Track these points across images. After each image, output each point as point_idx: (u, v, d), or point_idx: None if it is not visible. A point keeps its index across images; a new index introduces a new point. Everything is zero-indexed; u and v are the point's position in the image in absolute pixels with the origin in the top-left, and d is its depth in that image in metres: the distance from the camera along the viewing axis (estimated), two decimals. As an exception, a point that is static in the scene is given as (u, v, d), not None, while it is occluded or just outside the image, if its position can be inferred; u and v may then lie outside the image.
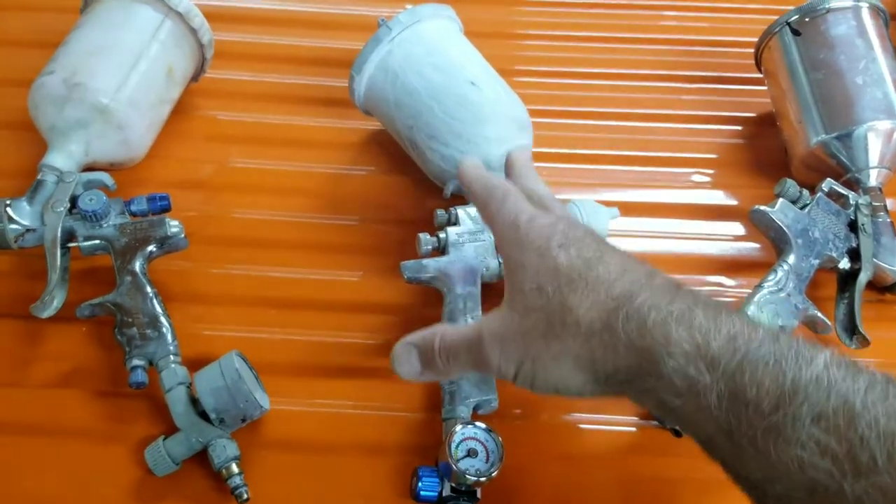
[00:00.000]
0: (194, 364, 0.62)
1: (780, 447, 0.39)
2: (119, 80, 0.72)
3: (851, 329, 0.67)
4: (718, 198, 0.83)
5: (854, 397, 0.38)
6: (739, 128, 0.89)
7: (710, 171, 0.85)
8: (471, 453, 0.56)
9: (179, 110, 0.82)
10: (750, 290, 0.72)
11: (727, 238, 0.79)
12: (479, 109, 0.71)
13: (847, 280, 0.70)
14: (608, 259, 0.47)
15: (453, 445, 0.56)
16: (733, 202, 0.83)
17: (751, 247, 0.79)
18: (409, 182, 0.80)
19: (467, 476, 0.55)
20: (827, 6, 0.77)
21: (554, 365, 0.46)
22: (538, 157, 0.77)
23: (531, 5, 1.00)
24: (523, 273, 0.48)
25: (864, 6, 0.78)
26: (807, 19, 0.78)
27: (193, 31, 0.78)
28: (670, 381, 0.42)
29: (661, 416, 0.51)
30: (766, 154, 0.86)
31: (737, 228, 0.80)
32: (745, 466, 0.41)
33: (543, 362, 0.46)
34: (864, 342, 0.67)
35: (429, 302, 0.71)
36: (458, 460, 0.56)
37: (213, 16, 0.80)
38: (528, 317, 0.47)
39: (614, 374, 0.45)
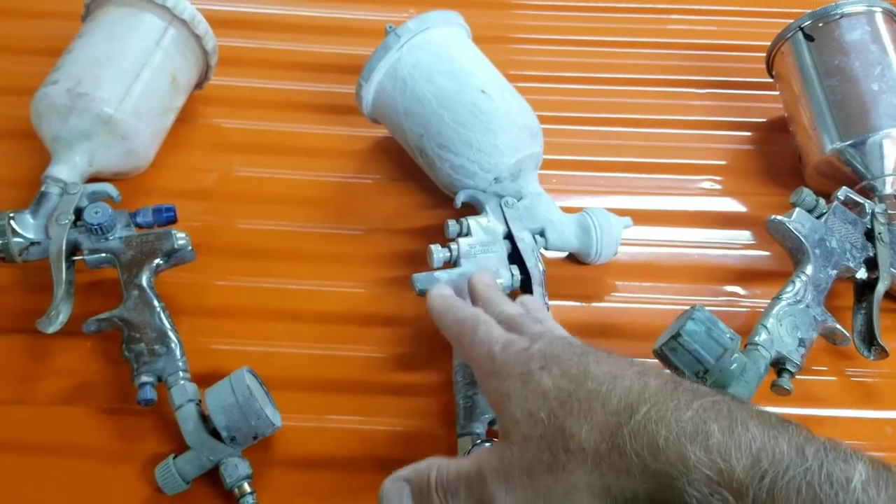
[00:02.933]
0: (203, 379, 0.61)
1: None
2: (123, 89, 0.71)
3: (870, 341, 0.67)
4: (728, 205, 0.82)
5: None
6: (749, 134, 0.88)
7: (720, 178, 0.84)
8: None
9: (183, 118, 0.80)
10: (765, 300, 0.71)
11: (737, 246, 0.79)
12: (490, 118, 0.70)
13: (864, 290, 0.69)
14: (593, 370, 0.44)
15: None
16: (743, 209, 0.82)
17: (762, 255, 0.78)
18: (417, 190, 0.79)
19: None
20: (841, 11, 0.76)
21: (568, 500, 0.42)
22: (547, 164, 0.76)
23: (538, 9, 0.99)
24: (510, 402, 0.46)
25: (878, 11, 0.77)
26: (820, 24, 0.77)
27: (197, 38, 0.77)
28: None
29: None
30: (776, 160, 0.85)
31: (747, 237, 0.79)
32: None
33: (556, 498, 0.43)
34: (883, 354, 0.66)
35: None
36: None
37: (216, 21, 0.79)
38: (527, 448, 0.44)
39: (633, 499, 0.41)
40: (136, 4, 0.74)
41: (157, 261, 0.65)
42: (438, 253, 0.66)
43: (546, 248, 0.70)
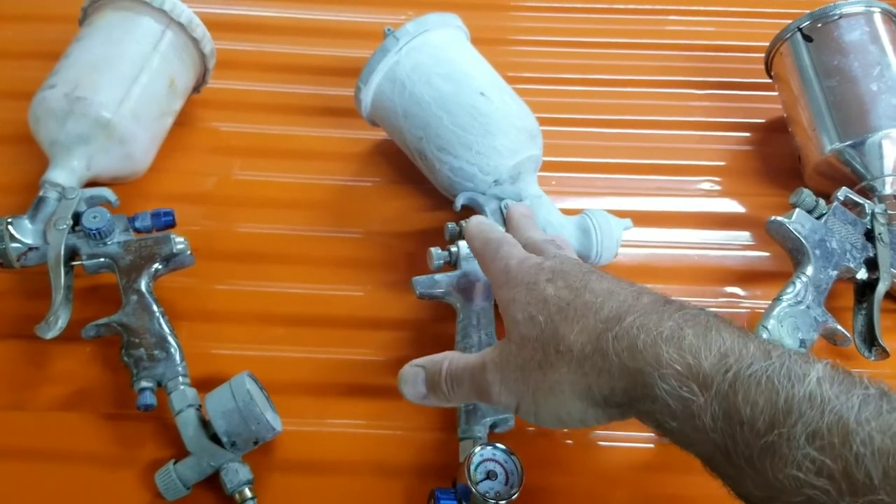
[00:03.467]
0: (203, 384, 0.61)
1: (776, 467, 0.38)
2: (121, 93, 0.70)
3: (871, 341, 0.67)
4: (727, 206, 0.82)
5: (848, 414, 0.37)
6: (748, 134, 0.88)
7: (719, 179, 0.84)
8: (490, 475, 0.55)
9: (181, 122, 0.80)
10: (765, 301, 0.71)
11: (737, 247, 0.79)
12: (489, 120, 0.69)
13: (864, 290, 0.69)
14: (594, 285, 0.48)
15: (472, 467, 0.55)
16: (742, 210, 0.82)
17: (761, 256, 0.78)
18: (416, 193, 0.79)
19: (487, 499, 0.54)
20: (839, 11, 0.76)
21: (553, 395, 0.47)
22: (546, 166, 0.76)
23: (536, 11, 0.99)
24: (514, 306, 0.50)
25: (877, 11, 0.77)
26: (819, 25, 0.77)
27: (195, 42, 0.76)
28: (665, 404, 0.42)
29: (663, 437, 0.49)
30: (774, 161, 0.85)
31: (746, 237, 0.79)
32: (745, 485, 0.41)
33: (543, 393, 0.47)
34: (884, 354, 0.66)
35: (440, 317, 0.70)
36: (477, 483, 0.55)
37: (214, 24, 0.79)
38: (524, 347, 0.48)
39: (611, 395, 0.45)
40: (133, 8, 0.74)
41: (156, 265, 0.65)
42: (439, 255, 0.66)
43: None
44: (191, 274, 0.69)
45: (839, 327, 0.64)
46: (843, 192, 0.71)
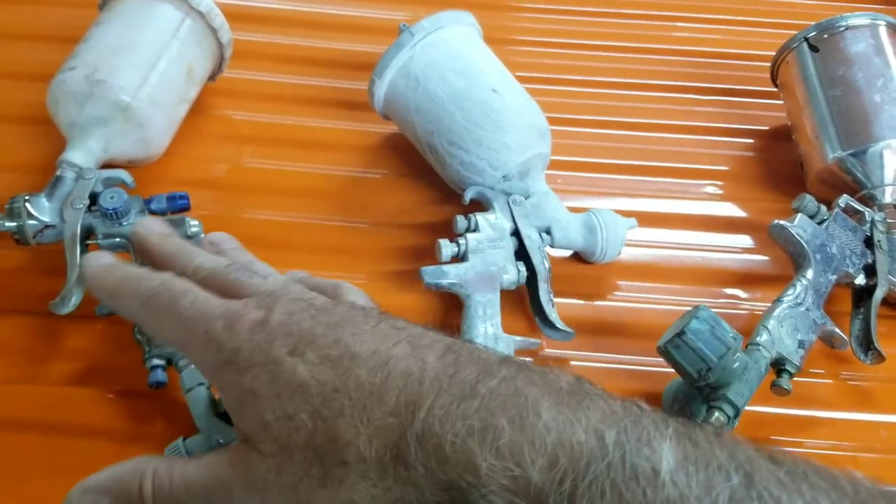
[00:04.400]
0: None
1: None
2: (140, 77, 0.72)
3: (867, 345, 0.68)
4: (729, 210, 0.84)
5: None
6: (751, 141, 0.90)
7: (721, 183, 0.85)
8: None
9: (195, 109, 0.81)
10: (764, 304, 0.72)
11: (737, 250, 0.80)
12: (501, 117, 0.71)
13: (862, 296, 0.71)
14: (358, 349, 0.36)
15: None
16: (743, 215, 0.83)
17: (760, 259, 0.79)
18: (424, 187, 0.80)
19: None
20: (845, 23, 0.78)
21: None
22: (552, 164, 0.77)
23: (547, 13, 1.01)
24: (255, 401, 0.36)
25: (882, 24, 0.79)
26: (825, 36, 0.79)
27: (213, 31, 0.78)
28: None
29: None
30: (776, 168, 0.87)
31: (747, 241, 0.81)
32: None
33: None
34: (880, 358, 0.67)
35: (445, 307, 0.71)
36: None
37: (230, 15, 0.79)
38: (287, 461, 0.36)
39: None
40: (153, -6, 0.75)
41: (171, 247, 0.66)
42: (447, 247, 0.67)
43: (552, 246, 0.71)
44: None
45: (837, 330, 0.66)
46: (843, 200, 0.72)
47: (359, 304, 0.41)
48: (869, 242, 0.71)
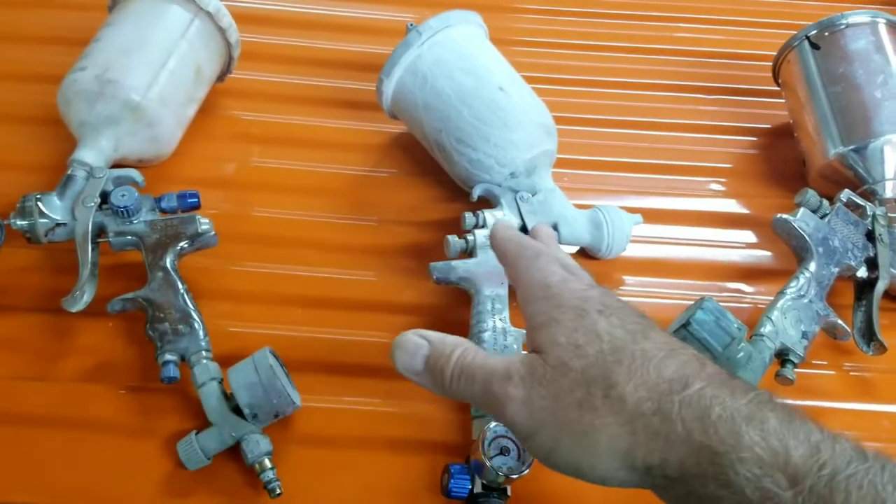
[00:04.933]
0: (222, 360, 0.63)
1: None
2: (150, 77, 0.73)
3: (869, 336, 0.69)
4: (732, 206, 0.85)
5: None
6: (754, 139, 0.91)
7: (724, 180, 0.86)
8: (503, 451, 0.57)
9: (203, 109, 0.82)
10: (767, 297, 0.73)
11: (741, 246, 0.81)
12: (508, 114, 0.72)
13: (864, 288, 0.72)
14: (653, 334, 0.43)
15: (486, 443, 0.57)
16: (746, 211, 0.84)
17: (763, 255, 0.80)
18: (431, 185, 0.81)
19: (499, 473, 0.56)
20: (846, 21, 0.79)
21: (583, 441, 0.40)
22: (558, 163, 0.78)
23: (551, 14, 1.02)
24: (557, 327, 0.44)
25: (882, 21, 0.80)
26: (826, 34, 0.80)
27: (222, 31, 0.79)
28: (740, 492, 0.37)
29: None
30: (778, 165, 0.88)
31: (750, 236, 0.82)
32: None
33: (572, 435, 0.41)
34: (882, 349, 0.68)
35: (453, 303, 0.72)
36: (490, 458, 0.56)
37: (238, 17, 0.81)
38: (563, 376, 0.42)
39: (660, 466, 0.39)
40: (162, -4, 0.76)
41: (182, 244, 0.66)
42: (455, 243, 0.68)
43: (559, 242, 0.72)
44: (210, 255, 0.71)
45: (840, 321, 0.67)
46: (845, 194, 0.73)
47: None
48: (870, 236, 0.72)
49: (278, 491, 0.58)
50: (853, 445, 0.37)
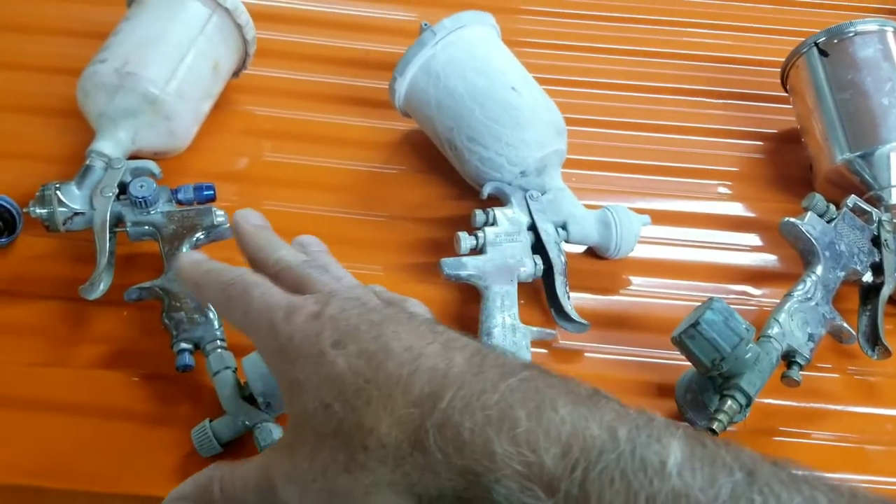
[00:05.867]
0: (235, 350, 0.63)
1: None
2: (169, 71, 0.74)
3: (874, 341, 0.70)
4: (738, 210, 0.86)
5: None
6: (760, 143, 0.92)
7: (731, 184, 0.87)
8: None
9: (218, 104, 0.83)
10: (773, 300, 0.74)
11: (746, 248, 0.82)
12: (520, 114, 0.73)
13: (869, 293, 0.73)
14: (394, 345, 0.39)
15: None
16: (752, 214, 0.85)
17: (769, 258, 0.81)
18: (441, 182, 0.82)
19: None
20: (854, 29, 0.80)
21: (368, 501, 0.37)
22: (567, 163, 0.79)
23: (560, 17, 1.04)
24: (300, 391, 0.40)
25: (890, 30, 0.81)
26: (835, 41, 0.81)
27: (239, 27, 0.79)
28: None
29: None
30: (784, 169, 0.89)
31: (755, 239, 0.83)
32: None
33: (356, 500, 0.38)
34: (887, 353, 0.69)
35: (462, 299, 0.73)
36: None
37: (254, 14, 0.81)
38: (321, 448, 0.38)
39: (440, 497, 0.36)
40: (182, -9, 0.77)
41: (198, 235, 0.67)
42: (466, 240, 0.69)
43: (567, 241, 0.73)
44: (223, 247, 0.71)
45: (846, 325, 0.68)
46: (851, 200, 0.74)
47: (410, 310, 0.44)
48: (876, 241, 0.73)
49: (290, 479, 0.59)
50: (607, 426, 0.34)
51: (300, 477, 0.39)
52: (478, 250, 0.70)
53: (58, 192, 0.67)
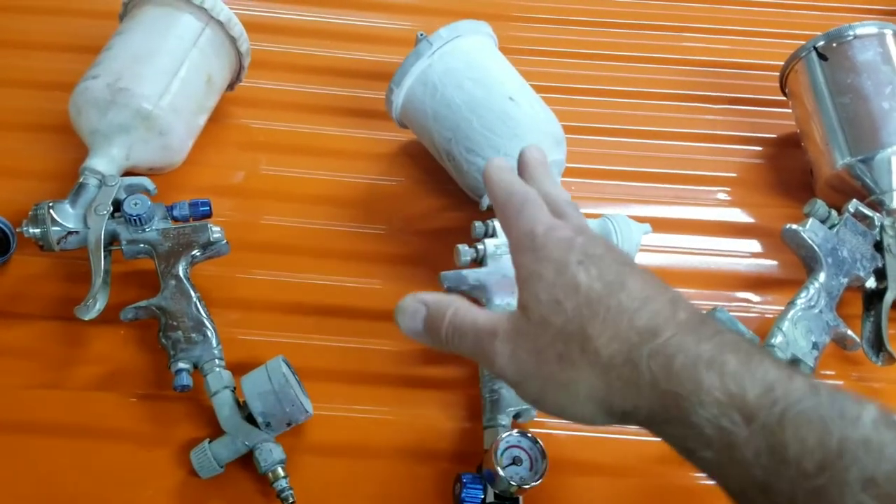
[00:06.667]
0: (234, 368, 0.63)
1: None
2: (162, 86, 0.73)
3: (878, 347, 0.69)
4: (738, 216, 0.85)
5: None
6: (759, 148, 0.91)
7: (730, 190, 0.87)
8: (515, 461, 0.57)
9: (213, 118, 0.82)
10: (775, 307, 0.74)
11: (746, 255, 0.81)
12: (518, 124, 0.72)
13: (872, 299, 0.72)
14: (630, 284, 0.45)
15: (499, 453, 0.57)
16: (752, 220, 0.85)
17: (770, 264, 0.81)
18: (440, 193, 0.82)
19: (512, 483, 0.56)
20: (853, 32, 0.80)
21: (565, 392, 0.44)
22: (569, 172, 0.79)
23: (557, 24, 1.03)
24: (539, 283, 0.46)
25: (889, 33, 0.80)
26: (834, 45, 0.81)
27: (233, 40, 0.79)
28: (700, 432, 0.40)
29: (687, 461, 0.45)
30: (784, 174, 0.88)
31: (755, 246, 0.82)
32: None
33: (554, 386, 0.45)
34: (891, 359, 0.68)
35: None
36: (503, 468, 0.57)
37: (248, 25, 0.81)
38: (544, 331, 0.45)
39: (633, 412, 0.43)
40: (174, 4, 0.76)
41: (194, 252, 0.67)
42: (466, 252, 0.68)
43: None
44: (220, 263, 0.71)
45: (849, 332, 0.67)
46: (853, 205, 0.74)
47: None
48: (879, 246, 0.73)
49: (291, 500, 0.58)
50: (808, 382, 0.40)
51: (518, 342, 0.45)
52: (478, 262, 0.69)
53: (51, 210, 0.67)
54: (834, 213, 0.72)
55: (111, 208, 0.68)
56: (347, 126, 0.87)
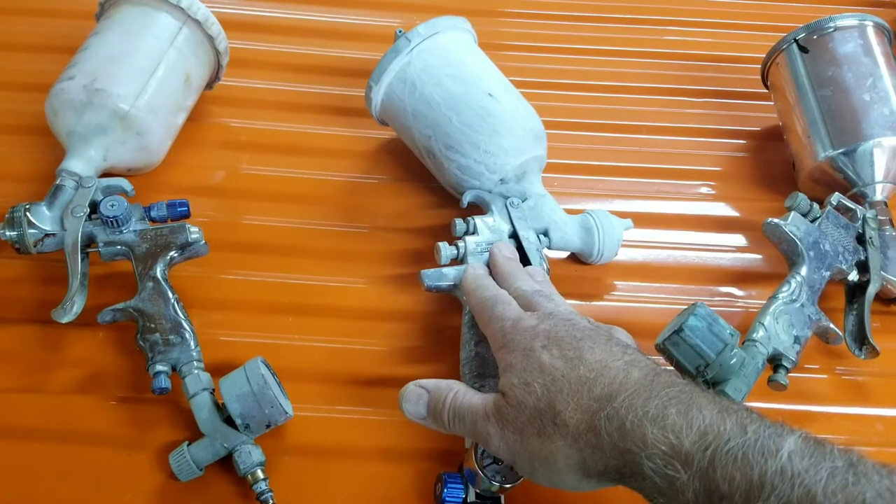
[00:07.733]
0: (214, 370, 0.62)
1: None
2: (139, 86, 0.72)
3: (861, 340, 0.69)
4: (722, 210, 0.85)
5: (816, 487, 0.40)
6: (743, 142, 0.91)
7: (714, 184, 0.87)
8: (496, 460, 0.57)
9: (192, 117, 0.82)
10: (759, 301, 0.74)
11: (730, 249, 0.81)
12: (497, 121, 0.72)
13: (855, 292, 0.72)
14: (587, 356, 0.51)
15: (479, 451, 0.57)
16: (736, 214, 0.84)
17: (754, 258, 0.80)
18: (421, 191, 0.81)
19: (493, 482, 0.56)
20: (834, 24, 0.79)
21: (548, 464, 0.50)
22: (548, 167, 0.78)
23: (540, 19, 1.03)
24: (512, 370, 0.53)
25: (870, 24, 0.80)
26: (814, 37, 0.80)
27: (210, 39, 0.78)
28: (653, 482, 0.45)
29: None
30: (768, 168, 0.88)
31: (739, 240, 0.82)
32: None
33: (539, 461, 0.50)
34: (874, 353, 0.68)
35: (444, 310, 0.72)
36: (484, 466, 0.56)
37: (226, 24, 0.80)
38: (521, 413, 0.51)
39: (604, 472, 0.48)
40: (151, 4, 0.75)
41: (172, 253, 0.66)
42: (446, 250, 0.68)
43: (549, 248, 0.72)
44: (200, 264, 0.71)
45: (832, 325, 0.67)
46: (835, 198, 0.73)
47: (614, 335, 0.55)
48: (861, 239, 0.72)
49: (271, 502, 0.58)
50: (739, 422, 0.45)
51: (504, 424, 0.52)
52: (459, 260, 0.69)
53: (27, 213, 0.66)
54: (816, 206, 0.72)
55: (88, 210, 0.67)
56: (328, 124, 0.86)
